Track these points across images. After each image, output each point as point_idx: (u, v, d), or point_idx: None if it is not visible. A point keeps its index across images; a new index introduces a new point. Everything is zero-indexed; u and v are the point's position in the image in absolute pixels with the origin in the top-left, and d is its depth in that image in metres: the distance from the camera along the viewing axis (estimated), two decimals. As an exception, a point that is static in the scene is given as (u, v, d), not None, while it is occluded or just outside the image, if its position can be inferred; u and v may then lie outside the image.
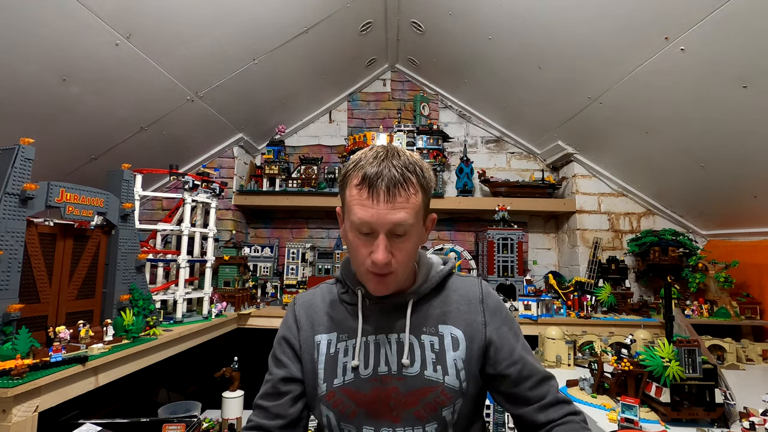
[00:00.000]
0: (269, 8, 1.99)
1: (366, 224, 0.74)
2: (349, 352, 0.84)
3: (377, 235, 0.75)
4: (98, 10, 1.54)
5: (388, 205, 0.73)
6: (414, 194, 0.76)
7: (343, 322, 0.88)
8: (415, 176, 0.77)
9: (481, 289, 0.90)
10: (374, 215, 0.73)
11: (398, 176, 0.74)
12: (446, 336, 0.84)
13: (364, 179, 0.74)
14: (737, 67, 1.55)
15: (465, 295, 0.89)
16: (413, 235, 0.77)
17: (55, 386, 1.11)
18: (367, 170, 0.75)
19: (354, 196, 0.76)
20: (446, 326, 0.85)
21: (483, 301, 0.87)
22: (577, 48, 1.96)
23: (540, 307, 2.27)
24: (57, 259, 1.32)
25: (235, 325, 2.23)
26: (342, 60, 2.81)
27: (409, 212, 0.74)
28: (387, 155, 0.77)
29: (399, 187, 0.74)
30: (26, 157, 1.21)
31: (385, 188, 0.73)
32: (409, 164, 0.77)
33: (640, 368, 1.39)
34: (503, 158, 3.16)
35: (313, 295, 0.95)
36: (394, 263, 0.76)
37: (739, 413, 1.26)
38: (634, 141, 2.31)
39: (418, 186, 0.77)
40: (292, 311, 0.93)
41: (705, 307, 2.24)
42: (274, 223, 3.16)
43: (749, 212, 2.21)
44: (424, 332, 0.84)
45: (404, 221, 0.74)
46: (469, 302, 0.87)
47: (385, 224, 0.73)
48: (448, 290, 0.90)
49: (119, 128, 2.13)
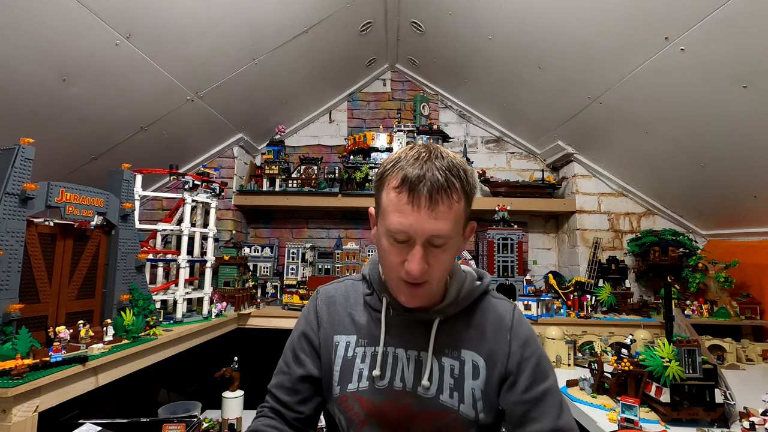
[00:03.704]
0: (269, 8, 1.99)
1: (403, 232, 0.68)
2: (367, 359, 0.81)
3: (414, 243, 0.69)
4: (98, 10, 1.54)
5: (430, 213, 0.66)
6: (457, 201, 0.69)
7: (364, 326, 0.84)
8: (459, 181, 0.70)
9: (513, 316, 0.82)
10: (413, 223, 0.67)
11: (442, 180, 0.67)
12: (467, 362, 0.78)
13: (404, 182, 0.68)
14: (737, 67, 1.55)
15: (494, 320, 0.82)
16: (452, 246, 0.71)
17: (55, 386, 1.11)
18: (407, 172, 0.68)
19: (392, 200, 0.69)
20: (469, 352, 0.79)
21: (512, 329, 0.81)
22: (577, 48, 1.96)
23: (540, 307, 2.27)
24: (57, 259, 1.32)
25: (235, 325, 2.23)
26: (342, 60, 2.81)
27: (450, 222, 0.68)
28: (430, 156, 0.70)
29: (442, 193, 0.67)
30: (26, 157, 1.21)
31: (427, 194, 0.66)
32: (453, 167, 0.70)
33: (640, 368, 1.39)
34: (503, 158, 3.16)
35: (336, 291, 0.91)
36: (428, 274, 0.71)
37: (739, 413, 1.26)
38: (634, 141, 2.31)
39: (461, 192, 0.70)
40: (314, 306, 0.90)
41: (705, 307, 2.24)
42: (274, 223, 3.16)
43: (749, 212, 2.21)
44: (445, 354, 0.79)
45: (444, 232, 0.68)
46: (498, 329, 0.81)
47: (423, 233, 0.67)
48: (478, 312, 0.83)
49: (119, 128, 2.13)
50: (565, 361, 1.86)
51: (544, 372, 0.79)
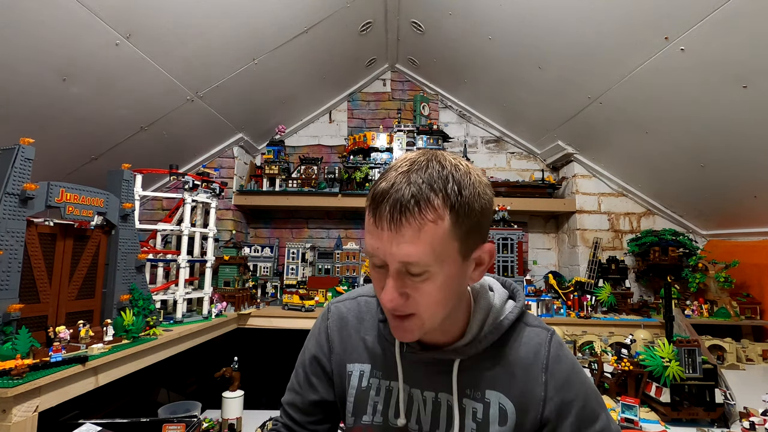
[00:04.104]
0: (269, 8, 1.99)
1: (374, 256, 0.59)
2: (382, 392, 0.74)
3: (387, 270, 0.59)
4: (98, 10, 1.54)
5: (393, 235, 0.56)
6: (432, 221, 0.55)
7: (379, 356, 0.76)
8: (442, 195, 0.56)
9: (548, 350, 0.68)
10: (379, 247, 0.57)
11: (408, 197, 0.55)
12: (493, 405, 0.67)
13: (373, 198, 0.58)
14: (737, 67, 1.55)
15: (526, 356, 0.68)
16: (438, 277, 0.58)
17: (55, 386, 1.11)
18: (378, 186, 0.58)
19: (366, 221, 0.60)
20: (495, 393, 0.67)
21: (548, 369, 0.67)
22: (577, 48, 1.96)
23: (540, 307, 2.27)
24: (57, 259, 1.32)
25: (235, 325, 2.23)
26: (342, 60, 2.81)
27: (423, 246, 0.55)
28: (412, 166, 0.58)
29: (407, 213, 0.55)
30: (26, 157, 1.21)
31: (388, 213, 0.55)
32: (436, 180, 0.57)
33: (640, 368, 1.39)
34: (503, 158, 3.16)
35: (348, 312, 0.82)
36: (412, 305, 0.60)
37: (739, 413, 1.26)
38: (634, 141, 2.31)
39: (444, 210, 0.56)
40: (325, 327, 0.82)
41: (705, 307, 2.24)
42: (274, 223, 3.16)
43: (749, 212, 2.21)
44: (467, 395, 0.69)
45: (416, 258, 0.55)
46: (529, 366, 0.67)
47: (392, 259, 0.57)
48: (508, 345, 0.70)
49: (119, 128, 2.13)
50: (565, 361, 1.86)
51: (593, 413, 0.66)
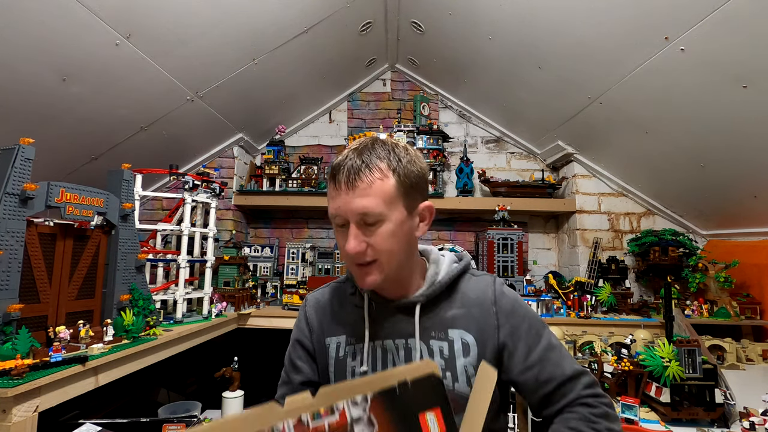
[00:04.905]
0: (269, 8, 1.99)
1: (337, 216, 0.75)
2: (357, 356, 0.84)
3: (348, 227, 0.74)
4: (98, 10, 1.54)
5: (349, 192, 0.72)
6: (380, 179, 0.73)
7: (351, 325, 0.87)
8: (386, 162, 0.75)
9: (494, 289, 0.84)
10: (341, 205, 0.73)
11: (359, 164, 0.73)
12: (456, 341, 0.80)
13: (332, 170, 0.76)
14: (737, 67, 1.55)
15: (477, 297, 0.84)
16: (389, 222, 0.74)
17: (55, 386, 1.11)
18: (335, 161, 0.77)
19: (329, 190, 0.77)
20: (457, 330, 0.81)
21: (496, 303, 0.82)
22: (577, 48, 1.96)
23: (540, 307, 2.27)
24: (57, 259, 1.32)
25: (235, 325, 2.23)
26: (342, 60, 2.81)
27: (375, 198, 0.72)
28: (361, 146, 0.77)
29: (360, 174, 0.72)
30: (26, 157, 1.21)
31: (345, 177, 0.73)
32: (381, 151, 0.75)
33: (640, 368, 1.39)
34: (503, 158, 3.16)
35: (322, 296, 0.94)
36: (371, 252, 0.74)
37: (739, 413, 1.26)
38: (634, 141, 2.31)
39: (388, 171, 0.74)
40: (303, 313, 0.94)
41: (705, 307, 2.24)
42: (274, 223, 3.16)
43: (749, 212, 2.21)
44: (433, 337, 0.81)
45: (371, 208, 0.72)
46: (482, 304, 0.83)
47: (351, 213, 0.72)
48: (460, 292, 0.85)
49: (119, 128, 2.13)
50: (565, 361, 1.86)
51: (538, 334, 0.82)
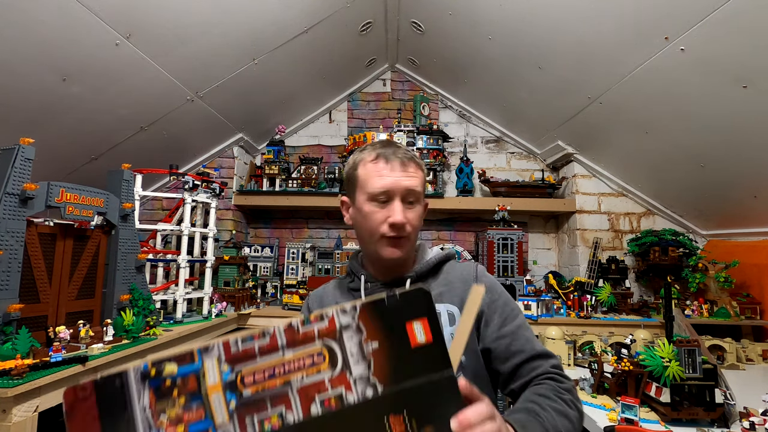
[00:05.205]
0: (269, 8, 1.99)
1: (384, 192, 0.85)
2: None
3: (393, 200, 0.85)
4: (98, 10, 1.54)
5: (404, 173, 0.86)
6: (419, 169, 0.90)
7: None
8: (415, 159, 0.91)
9: (476, 270, 0.95)
10: (393, 181, 0.85)
11: (408, 154, 0.89)
12: (443, 313, 0.87)
13: (379, 156, 0.87)
14: (737, 67, 1.55)
15: (461, 275, 0.94)
16: (421, 205, 0.89)
17: (55, 386, 1.11)
18: (379, 150, 0.88)
19: (370, 170, 0.87)
20: (443, 304, 0.88)
21: (477, 279, 0.92)
22: (577, 48, 1.96)
23: (540, 307, 2.27)
24: (57, 259, 1.32)
25: (235, 325, 2.23)
26: (342, 60, 2.81)
27: (419, 181, 0.88)
28: (389, 143, 0.91)
29: (409, 161, 0.88)
30: (26, 157, 1.21)
31: (399, 160, 0.86)
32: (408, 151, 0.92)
33: (640, 368, 1.39)
34: (503, 158, 3.16)
35: (323, 290, 1.02)
36: (408, 227, 0.85)
37: (739, 413, 1.26)
38: (634, 141, 2.31)
39: (421, 165, 0.91)
40: (306, 307, 1.03)
41: (705, 307, 2.24)
42: (274, 223, 3.16)
43: (749, 212, 2.21)
44: None
45: (416, 187, 0.87)
46: (465, 281, 0.92)
47: (401, 189, 0.85)
48: (445, 272, 0.95)
49: (119, 128, 2.13)
50: (565, 361, 1.86)
51: (513, 311, 0.91)
